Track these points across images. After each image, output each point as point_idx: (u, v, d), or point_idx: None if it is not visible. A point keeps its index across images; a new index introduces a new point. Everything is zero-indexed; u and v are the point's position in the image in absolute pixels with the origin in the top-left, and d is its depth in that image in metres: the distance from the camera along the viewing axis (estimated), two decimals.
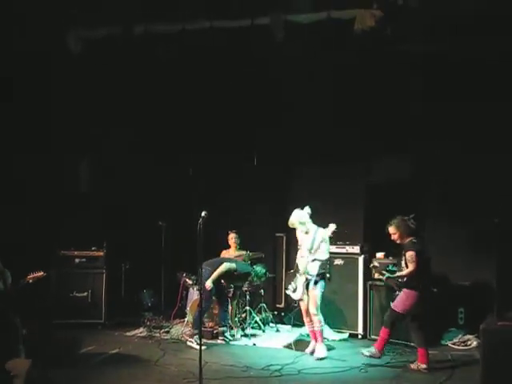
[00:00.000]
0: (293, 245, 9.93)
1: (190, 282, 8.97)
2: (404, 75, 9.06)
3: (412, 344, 7.50)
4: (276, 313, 9.61)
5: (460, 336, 8.19)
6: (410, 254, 6.79)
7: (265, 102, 9.76)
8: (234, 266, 8.43)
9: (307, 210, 7.73)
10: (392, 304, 7.04)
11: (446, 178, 8.98)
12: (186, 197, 10.07)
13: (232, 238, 9.38)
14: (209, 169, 10.28)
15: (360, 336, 8.67)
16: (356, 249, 8.87)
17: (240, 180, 10.18)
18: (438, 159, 9.07)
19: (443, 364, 7.23)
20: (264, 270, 8.90)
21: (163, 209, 10.06)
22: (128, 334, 8.84)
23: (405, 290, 6.90)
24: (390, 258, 8.34)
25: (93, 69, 9.41)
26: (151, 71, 9.56)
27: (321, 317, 7.68)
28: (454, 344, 8.08)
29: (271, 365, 7.18)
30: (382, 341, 7.20)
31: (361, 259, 8.77)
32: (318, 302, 7.61)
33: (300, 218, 7.69)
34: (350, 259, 8.87)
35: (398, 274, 7.05)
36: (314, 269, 7.54)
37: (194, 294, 8.89)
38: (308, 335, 8.72)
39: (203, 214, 6.76)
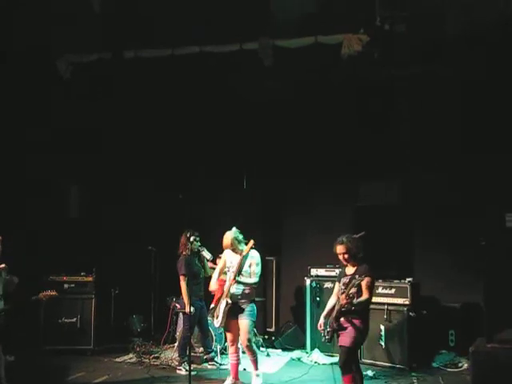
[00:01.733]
0: (283, 268, 9.95)
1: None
2: (392, 99, 9.17)
3: (402, 366, 7.48)
4: (266, 337, 9.53)
5: (451, 358, 8.17)
6: (368, 281, 5.95)
7: (254, 126, 9.82)
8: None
9: (234, 229, 7.14)
10: (344, 343, 5.91)
11: (435, 200, 9.03)
12: (175, 221, 10.05)
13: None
14: (198, 193, 10.28)
15: None
16: None
17: (229, 203, 10.17)
18: (426, 183, 9.13)
19: None
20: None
21: (153, 234, 10.03)
22: (117, 359, 8.73)
23: (350, 322, 5.92)
24: (380, 280, 8.28)
25: (83, 92, 9.51)
26: (142, 94, 9.64)
27: (255, 347, 7.27)
28: (444, 366, 8.02)
29: None
30: None
31: None
32: (250, 334, 7.00)
33: (236, 236, 7.06)
34: None
35: (358, 300, 5.89)
36: (239, 291, 6.96)
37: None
38: (299, 359, 8.69)
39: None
